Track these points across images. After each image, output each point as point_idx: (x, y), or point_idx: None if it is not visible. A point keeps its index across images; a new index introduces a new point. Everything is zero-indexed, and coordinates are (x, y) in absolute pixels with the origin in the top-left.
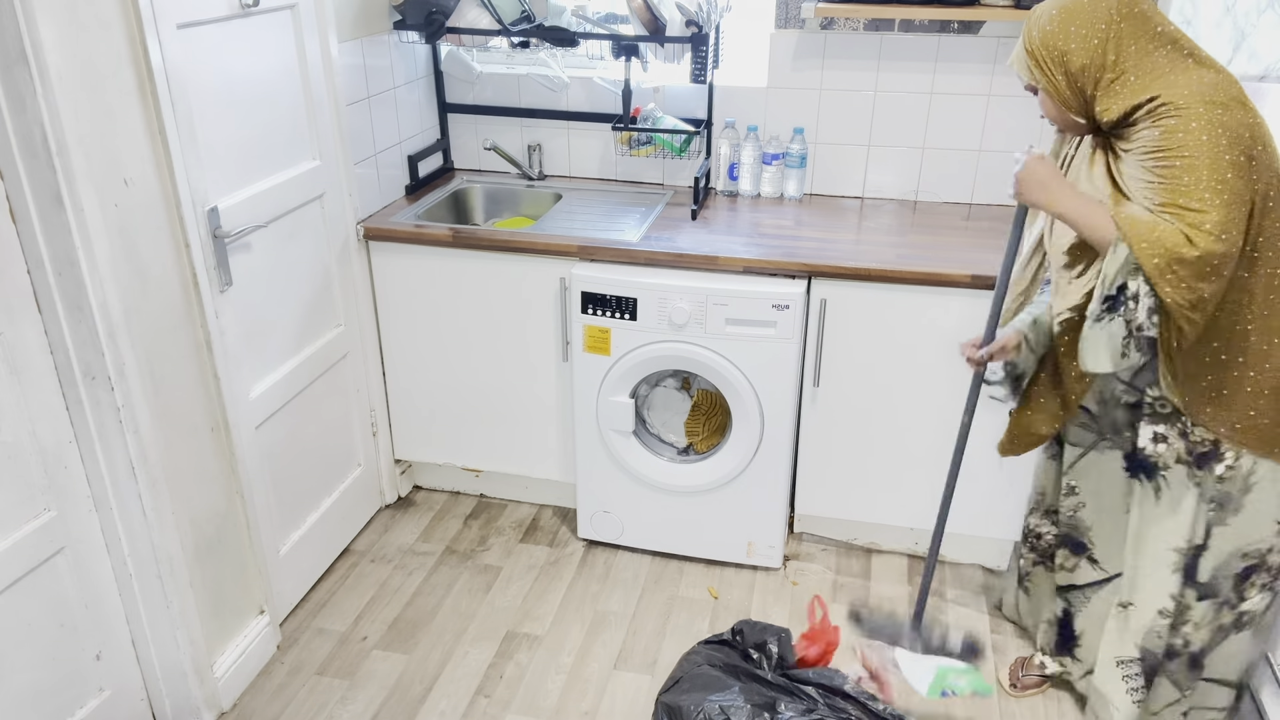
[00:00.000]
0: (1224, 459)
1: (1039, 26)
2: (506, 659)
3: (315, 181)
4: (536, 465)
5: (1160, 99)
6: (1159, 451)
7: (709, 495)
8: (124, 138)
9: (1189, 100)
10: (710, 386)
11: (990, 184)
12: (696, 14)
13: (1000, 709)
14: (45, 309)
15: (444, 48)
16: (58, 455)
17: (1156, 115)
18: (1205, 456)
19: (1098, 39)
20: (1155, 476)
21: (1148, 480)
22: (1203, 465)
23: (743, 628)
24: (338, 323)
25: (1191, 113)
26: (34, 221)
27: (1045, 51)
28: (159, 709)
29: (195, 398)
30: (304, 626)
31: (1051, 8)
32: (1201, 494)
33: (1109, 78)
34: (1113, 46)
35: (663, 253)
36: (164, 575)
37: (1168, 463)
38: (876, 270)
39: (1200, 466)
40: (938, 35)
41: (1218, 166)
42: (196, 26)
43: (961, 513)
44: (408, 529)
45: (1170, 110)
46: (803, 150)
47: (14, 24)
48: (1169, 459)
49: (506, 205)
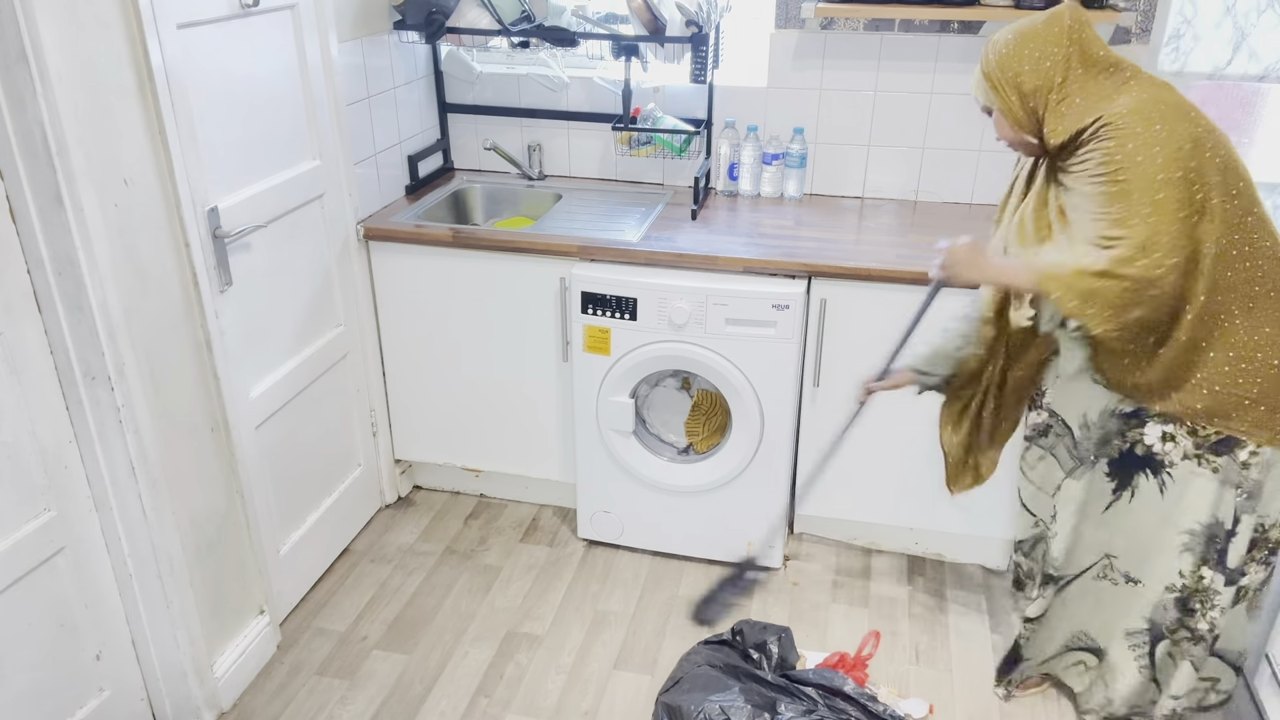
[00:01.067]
0: (1245, 445)
1: (995, 51)
2: (506, 659)
3: (315, 181)
4: (536, 465)
5: (1102, 119)
6: (1167, 450)
7: (709, 495)
8: (124, 138)
9: (1127, 120)
10: (710, 386)
11: (990, 184)
12: (696, 14)
13: (1001, 710)
14: (45, 309)
15: (444, 48)
16: (58, 455)
17: (1099, 137)
18: (1223, 444)
19: (1049, 61)
20: (1160, 473)
21: (1153, 476)
22: (1221, 453)
23: (743, 628)
24: (338, 323)
25: (1128, 132)
26: (34, 221)
27: (1000, 73)
28: (159, 709)
29: (195, 398)
30: (304, 626)
31: (1008, 33)
32: (1223, 479)
33: (1055, 98)
34: (1060, 69)
35: (663, 253)
36: (164, 575)
37: (1174, 460)
38: (876, 270)
39: (1218, 454)
40: (938, 35)
41: (1149, 187)
42: (196, 26)
43: (962, 513)
44: (408, 529)
45: (1109, 131)
46: (803, 150)
47: (14, 24)
48: (1175, 456)
49: (506, 205)
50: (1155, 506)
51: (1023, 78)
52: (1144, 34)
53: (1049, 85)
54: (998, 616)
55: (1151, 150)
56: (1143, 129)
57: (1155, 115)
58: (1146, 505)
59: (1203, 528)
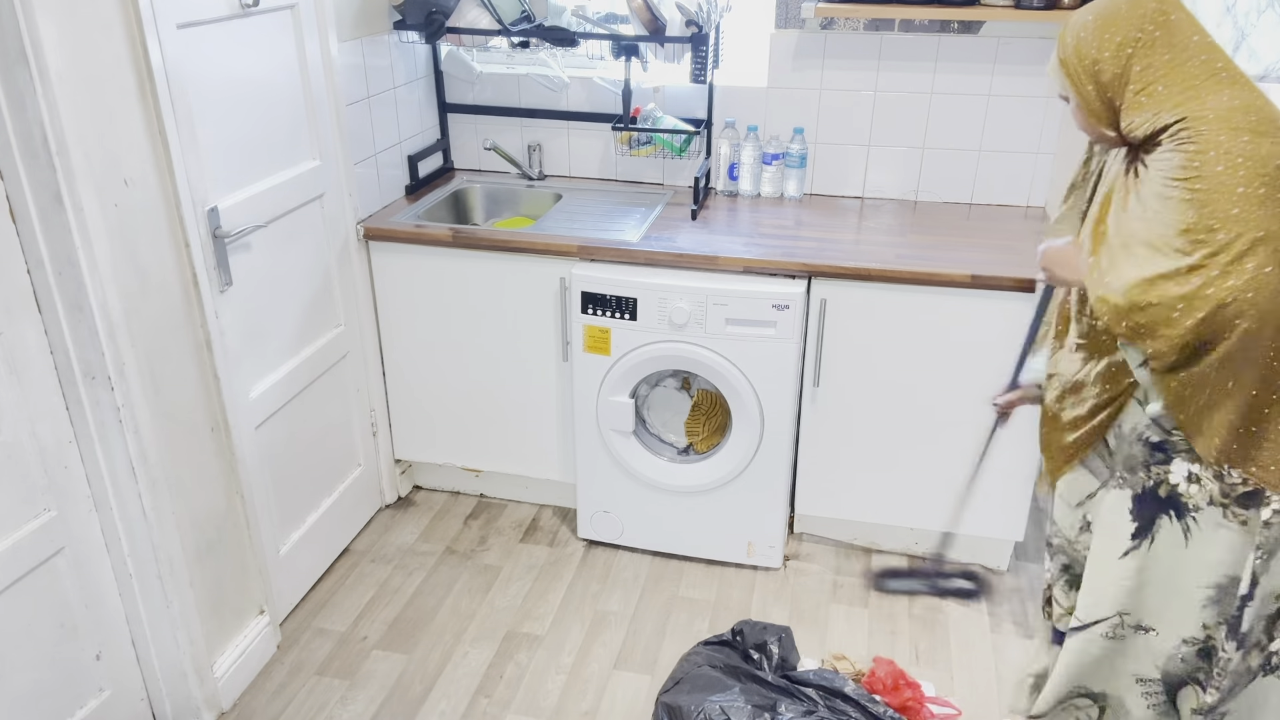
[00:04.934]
0: (1270, 502)
1: (1073, 34)
2: (506, 659)
3: (315, 181)
4: (536, 465)
5: (1185, 121)
6: (1191, 493)
7: (709, 495)
8: (124, 138)
9: (1212, 125)
10: (710, 386)
11: (990, 184)
12: (696, 14)
13: (1001, 710)
14: (45, 309)
15: (444, 48)
16: (58, 455)
17: (1179, 140)
18: (1249, 497)
19: (1131, 48)
20: (1185, 517)
21: (1176, 519)
22: (1247, 506)
23: (743, 628)
24: (338, 323)
25: (1210, 139)
26: (34, 221)
27: (1077, 60)
28: (159, 709)
29: (195, 398)
30: (304, 626)
31: (1087, 14)
32: (1247, 535)
33: (1134, 89)
34: (1142, 55)
35: (663, 253)
36: (164, 575)
37: (1199, 504)
38: (876, 270)
39: (1245, 507)
40: (938, 35)
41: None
42: (196, 26)
43: (962, 513)
44: (408, 529)
45: (1191, 136)
46: (803, 150)
47: (14, 24)
48: (1201, 500)
49: (506, 205)
50: (1178, 554)
51: (1101, 65)
52: None
53: (1128, 75)
54: (998, 616)
55: (1234, 161)
56: (1228, 138)
57: (1245, 125)
58: (1168, 551)
59: (1229, 581)
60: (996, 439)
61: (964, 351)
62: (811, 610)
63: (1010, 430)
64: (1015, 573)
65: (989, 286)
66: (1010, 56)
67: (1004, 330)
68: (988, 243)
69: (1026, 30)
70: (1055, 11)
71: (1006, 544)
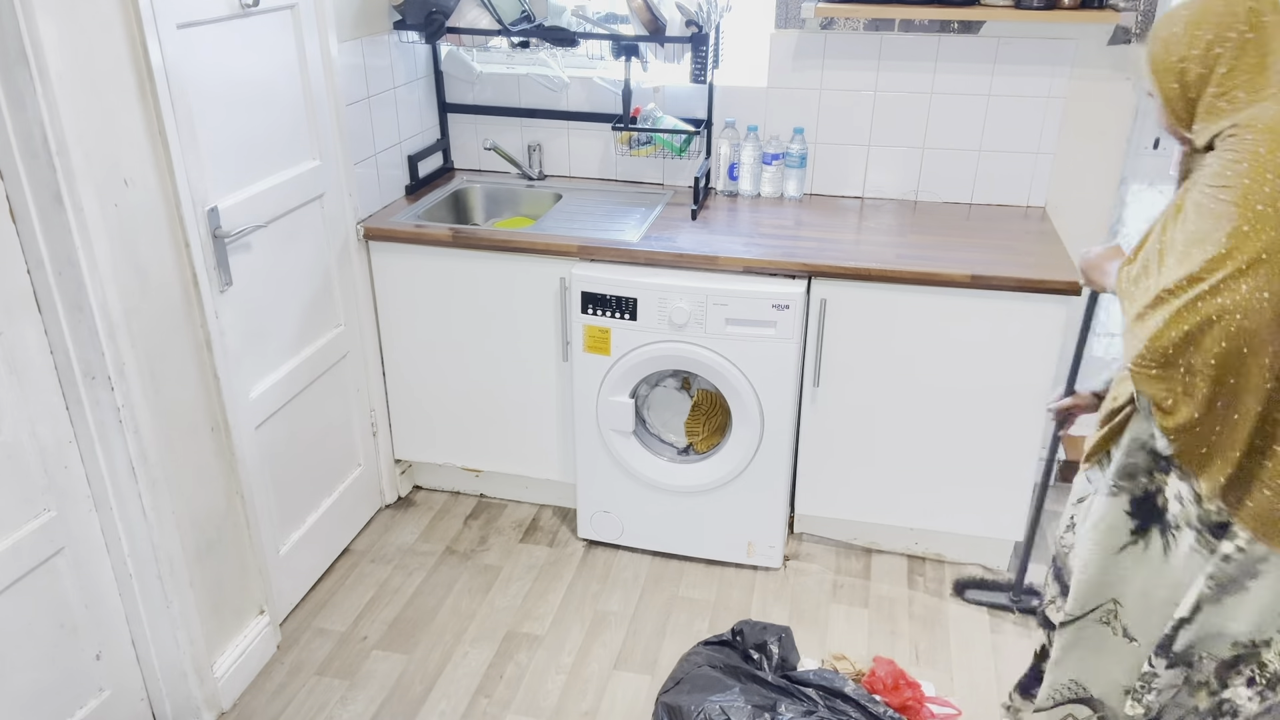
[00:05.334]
0: (1236, 538)
1: (1165, 29)
2: (506, 659)
3: (315, 181)
4: (536, 465)
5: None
6: (1176, 512)
7: (709, 495)
8: (124, 138)
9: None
10: (710, 386)
11: (990, 184)
12: (696, 14)
13: (1001, 709)
14: (45, 309)
15: (444, 48)
16: (58, 455)
17: (1224, 146)
18: (1219, 528)
19: (1220, 48)
20: (1167, 532)
21: (1161, 535)
22: (1217, 536)
23: (743, 628)
24: (338, 323)
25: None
26: (34, 221)
27: (1165, 56)
28: (159, 709)
29: (195, 398)
30: (304, 626)
31: (1181, 9)
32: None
33: (1214, 92)
34: (1229, 57)
35: (663, 253)
36: (164, 575)
37: (1179, 524)
38: (876, 270)
39: (1215, 536)
40: (938, 35)
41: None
42: (196, 26)
43: (962, 513)
44: (408, 529)
45: (1234, 144)
46: (803, 150)
47: (14, 24)
48: (1182, 520)
49: (506, 205)
50: (1159, 566)
51: (1188, 64)
52: (1144, 34)
53: (1211, 76)
54: (998, 616)
55: (1263, 175)
56: (1267, 150)
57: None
58: (1155, 558)
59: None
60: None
61: (964, 351)
62: (811, 610)
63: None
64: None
65: (989, 286)
66: (1010, 56)
67: (1004, 330)
68: (988, 243)
69: (1026, 30)
70: (1055, 11)
71: (1007, 544)
